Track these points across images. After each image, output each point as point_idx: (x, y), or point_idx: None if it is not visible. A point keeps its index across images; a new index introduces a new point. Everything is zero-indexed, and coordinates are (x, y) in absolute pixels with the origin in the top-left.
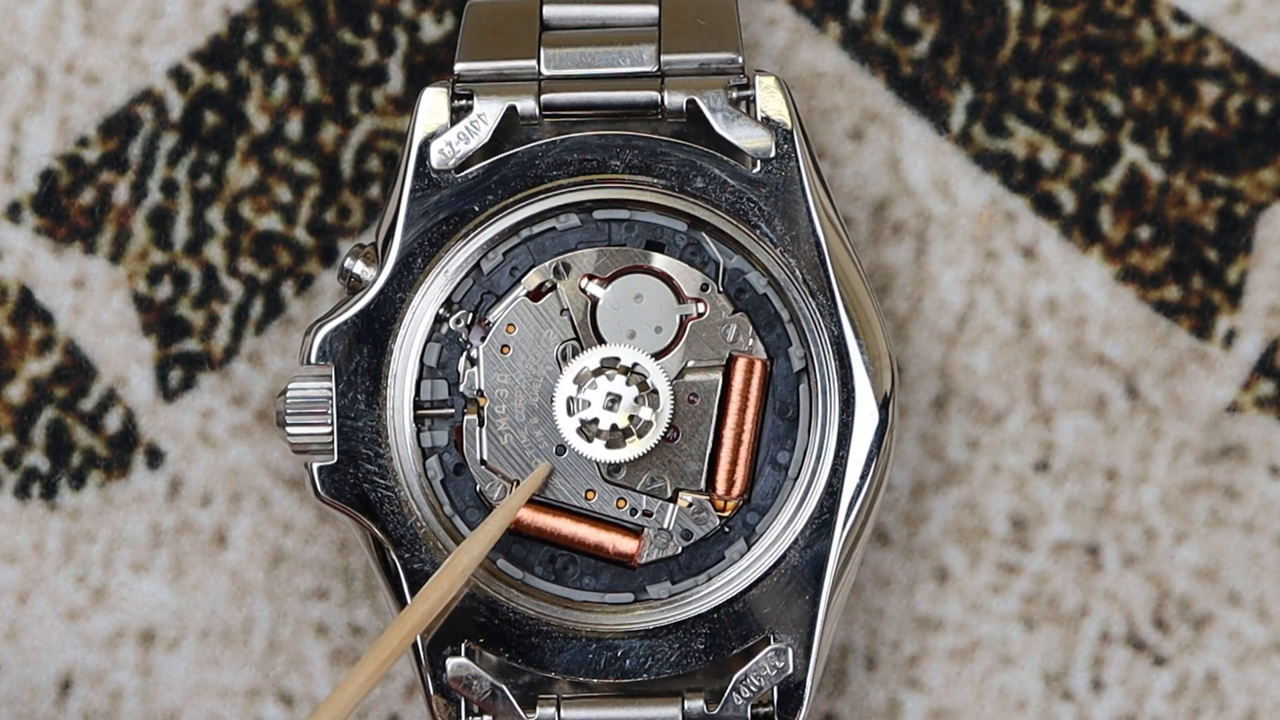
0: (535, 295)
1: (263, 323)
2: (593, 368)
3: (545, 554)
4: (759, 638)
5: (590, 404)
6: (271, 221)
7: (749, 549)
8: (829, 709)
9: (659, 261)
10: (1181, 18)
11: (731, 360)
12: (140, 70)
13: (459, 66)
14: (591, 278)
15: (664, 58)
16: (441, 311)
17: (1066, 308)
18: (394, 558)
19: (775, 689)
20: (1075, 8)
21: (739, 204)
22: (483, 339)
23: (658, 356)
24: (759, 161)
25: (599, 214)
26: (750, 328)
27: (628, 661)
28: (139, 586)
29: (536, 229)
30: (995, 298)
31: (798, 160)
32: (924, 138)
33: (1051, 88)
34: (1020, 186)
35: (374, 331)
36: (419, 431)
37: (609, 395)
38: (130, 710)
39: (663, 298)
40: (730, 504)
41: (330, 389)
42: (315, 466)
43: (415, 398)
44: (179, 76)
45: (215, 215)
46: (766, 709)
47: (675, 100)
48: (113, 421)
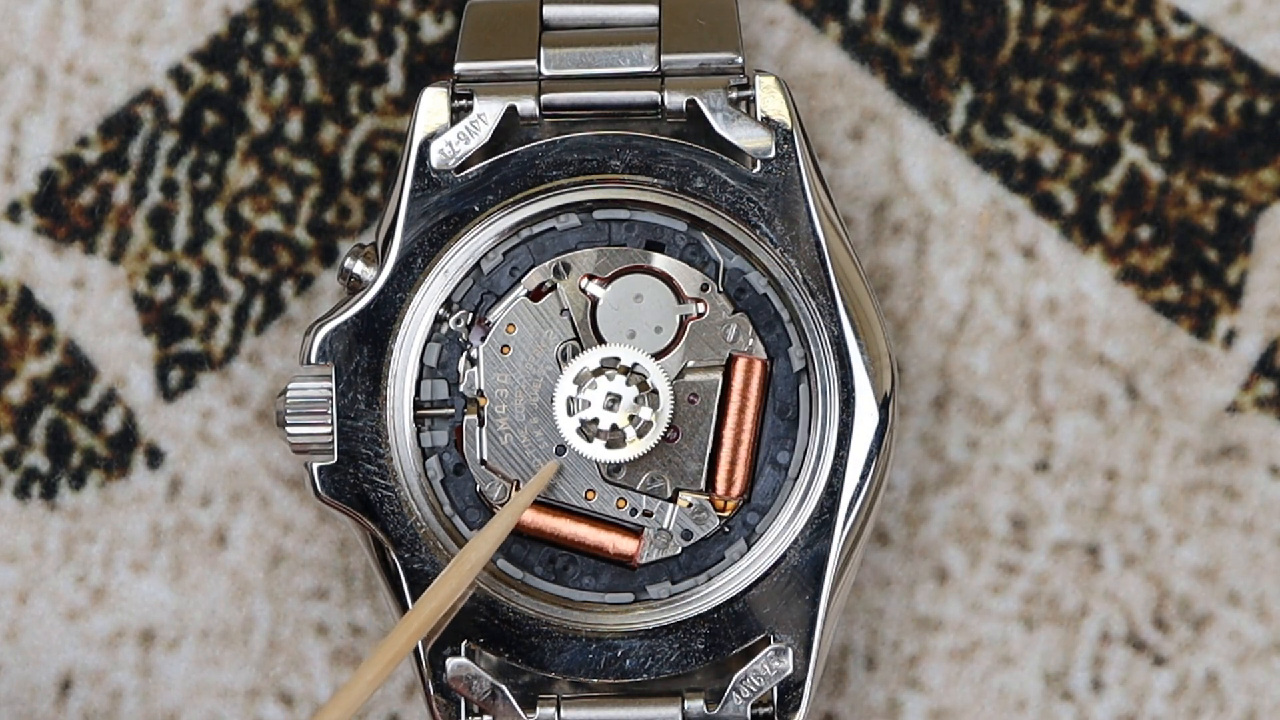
0: (535, 295)
1: (263, 323)
2: (593, 368)
3: (545, 554)
4: (759, 638)
5: (590, 404)
6: (271, 221)
7: (749, 549)
8: (829, 709)
9: (659, 261)
10: (1181, 18)
11: (731, 360)
12: (140, 70)
13: (459, 66)
14: (591, 278)
15: (664, 58)
16: (441, 311)
17: (1066, 308)
18: (394, 558)
19: (775, 689)
20: (1075, 8)
21: (739, 204)
22: (483, 339)
23: (658, 356)
24: (759, 161)
25: (599, 214)
26: (750, 328)
27: (628, 661)
28: (139, 586)
29: (536, 229)
30: (995, 298)
31: (798, 160)
32: (924, 138)
33: (1051, 88)
34: (1020, 186)
35: (374, 331)
36: (419, 431)
37: (609, 395)
38: (130, 710)
39: (663, 298)
40: (730, 504)
41: (330, 389)
42: (315, 466)
43: (415, 398)
44: (179, 76)
45: (215, 215)
46: (766, 709)
47: (675, 100)
48: (113, 421)
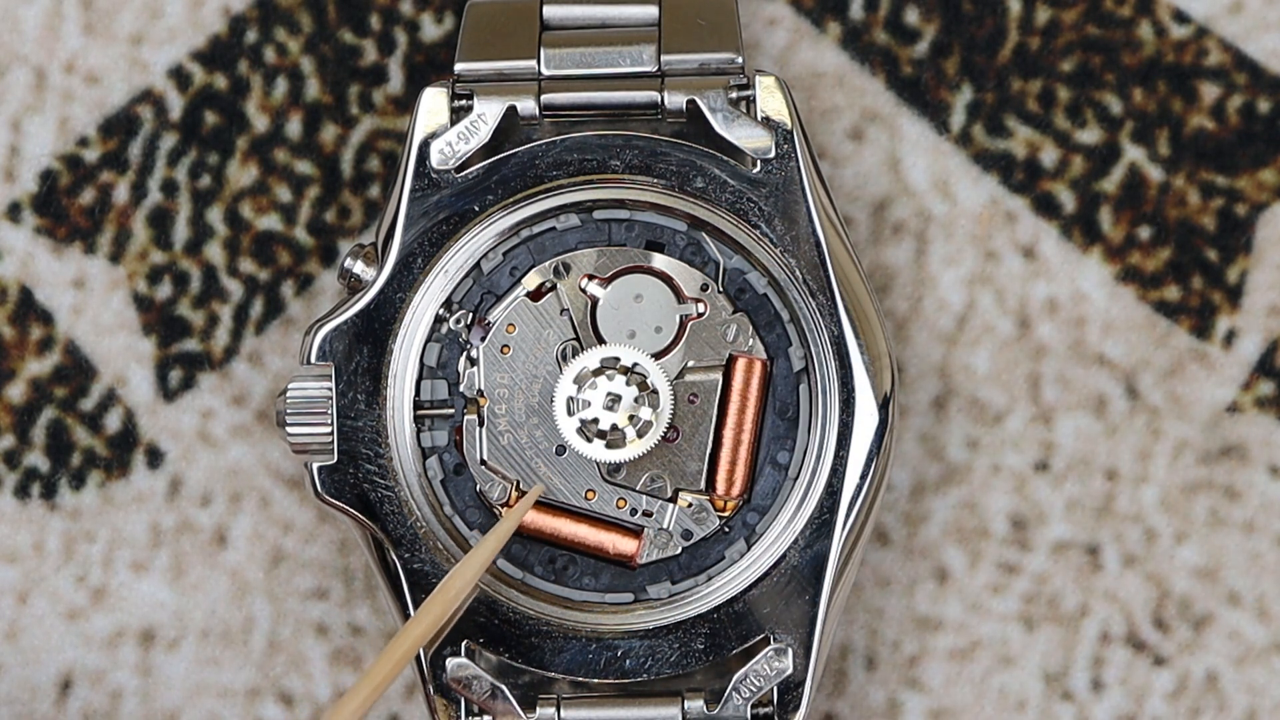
0: (535, 295)
1: (263, 323)
2: (593, 368)
3: (545, 554)
4: (759, 638)
5: (590, 404)
6: (271, 221)
7: (749, 549)
8: (829, 709)
9: (659, 261)
10: (1181, 18)
11: (731, 360)
12: (140, 70)
13: (459, 66)
14: (591, 278)
15: (664, 58)
16: (441, 311)
17: (1066, 308)
18: (394, 558)
19: (775, 689)
20: (1075, 8)
21: (739, 204)
22: (483, 339)
23: (658, 356)
24: (759, 161)
25: (599, 214)
26: (750, 328)
27: (628, 661)
28: (139, 586)
29: (536, 229)
30: (995, 298)
31: (798, 160)
32: (924, 138)
33: (1051, 88)
34: (1020, 186)
35: (374, 331)
36: (419, 431)
37: (609, 395)
38: (130, 710)
39: (663, 298)
40: (730, 504)
41: (330, 389)
42: (315, 466)
43: (415, 398)
44: (179, 76)
45: (215, 215)
46: (766, 709)
47: (675, 100)
48: (113, 421)
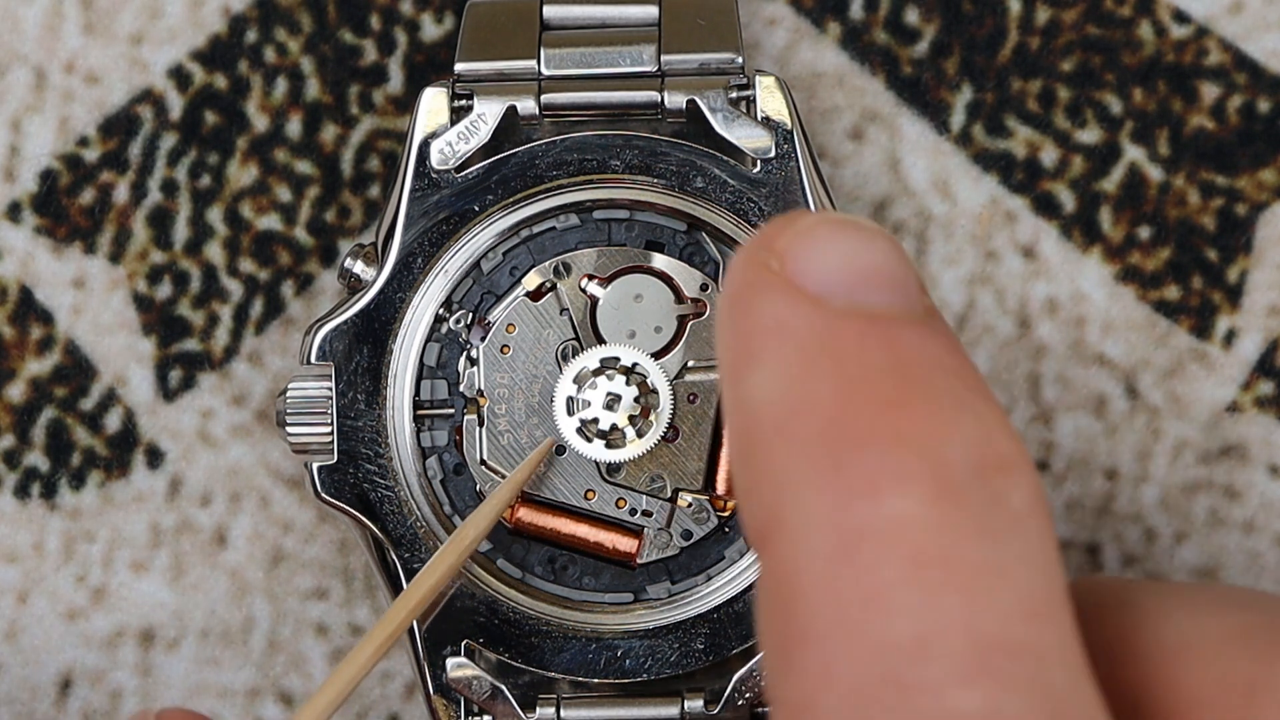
0: (535, 295)
1: (263, 323)
2: (592, 368)
3: (545, 554)
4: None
5: (590, 404)
6: (271, 221)
7: (749, 549)
8: None
9: (659, 261)
10: (1181, 18)
11: None
12: (140, 70)
13: (459, 66)
14: (591, 278)
15: (664, 58)
16: (441, 311)
17: (1066, 308)
18: (394, 558)
19: None
20: (1075, 8)
21: (739, 204)
22: (483, 339)
23: (658, 356)
24: (759, 161)
25: (599, 214)
26: None
27: (628, 661)
28: (139, 586)
29: (536, 229)
30: (995, 298)
31: (798, 160)
32: (924, 138)
33: (1051, 88)
34: (1020, 186)
35: (374, 331)
36: (419, 431)
37: (609, 395)
38: (130, 710)
39: (663, 298)
40: (730, 504)
41: (330, 389)
42: (315, 466)
43: (415, 398)
44: (179, 76)
45: (215, 215)
46: (767, 709)
47: (675, 100)
48: (113, 421)
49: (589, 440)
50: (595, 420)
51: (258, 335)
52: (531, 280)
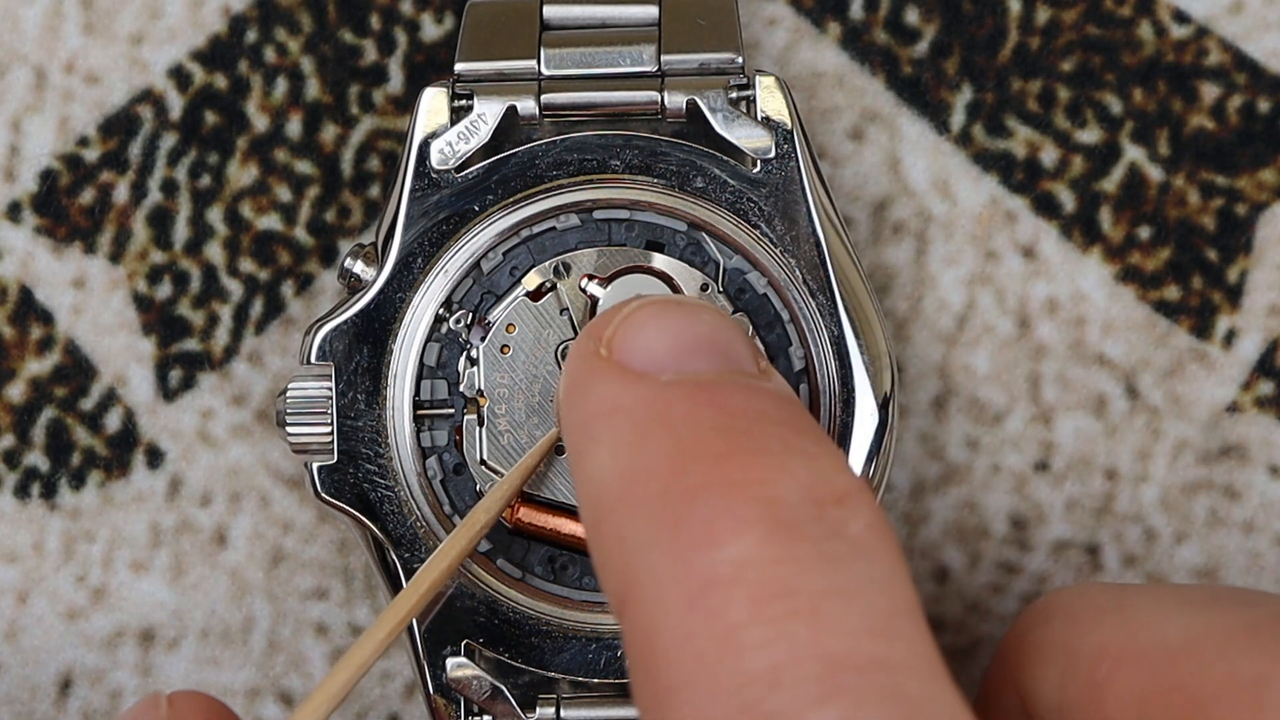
0: (535, 295)
1: (263, 323)
2: None
3: (545, 554)
4: None
5: None
6: (271, 221)
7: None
8: None
9: (659, 261)
10: (1181, 18)
11: None
12: (140, 70)
13: (459, 66)
14: (591, 278)
15: (664, 58)
16: (441, 311)
17: (1066, 308)
18: (394, 558)
19: None
20: (1075, 8)
21: (739, 204)
22: (483, 339)
23: None
24: (759, 161)
25: (599, 214)
26: (750, 328)
27: (628, 661)
28: (139, 586)
29: (536, 229)
30: (995, 298)
31: (798, 160)
32: (924, 138)
33: (1051, 88)
34: (1020, 186)
35: (374, 331)
36: (419, 431)
37: None
38: None
39: None
40: None
41: (330, 389)
42: (315, 466)
43: (415, 398)
44: (179, 76)
45: (215, 215)
46: None
47: (675, 100)
48: (113, 421)
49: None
50: None
51: (258, 335)
52: (531, 280)
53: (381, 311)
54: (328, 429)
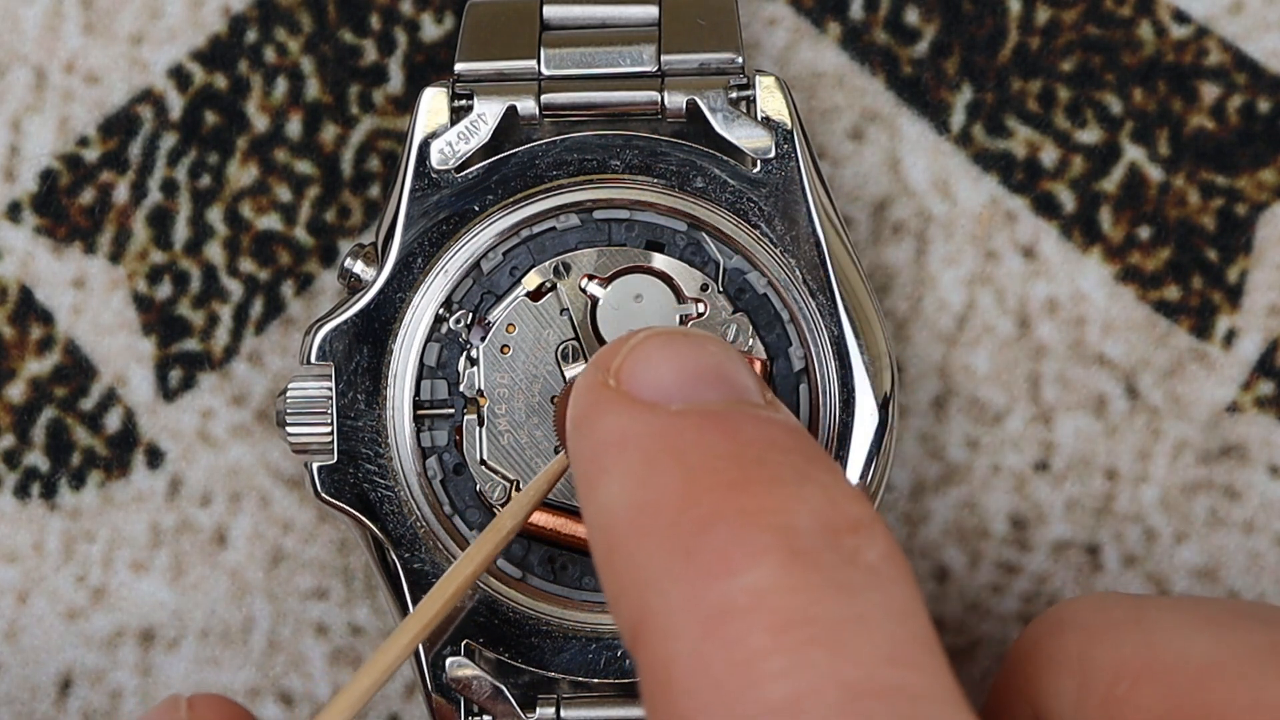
0: (535, 295)
1: (263, 323)
2: None
3: (545, 554)
4: None
5: None
6: (271, 221)
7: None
8: None
9: (659, 261)
10: (1181, 18)
11: None
12: (140, 70)
13: (459, 66)
14: (591, 278)
15: (664, 58)
16: (441, 311)
17: (1066, 308)
18: (394, 558)
19: None
20: (1075, 8)
21: (739, 204)
22: (483, 339)
23: None
24: (759, 161)
25: (599, 214)
26: (750, 328)
27: (627, 661)
28: (139, 586)
29: (536, 229)
30: (995, 298)
31: (798, 160)
32: (924, 138)
33: (1051, 88)
34: (1020, 186)
35: (374, 331)
36: (419, 431)
37: None
38: (130, 710)
39: (663, 298)
40: None
41: (330, 389)
42: (315, 466)
43: (415, 398)
44: (179, 76)
45: (215, 215)
46: None
47: (675, 100)
48: (113, 421)
49: None
50: None
51: (258, 335)
52: (531, 280)
53: (381, 311)
54: (328, 429)
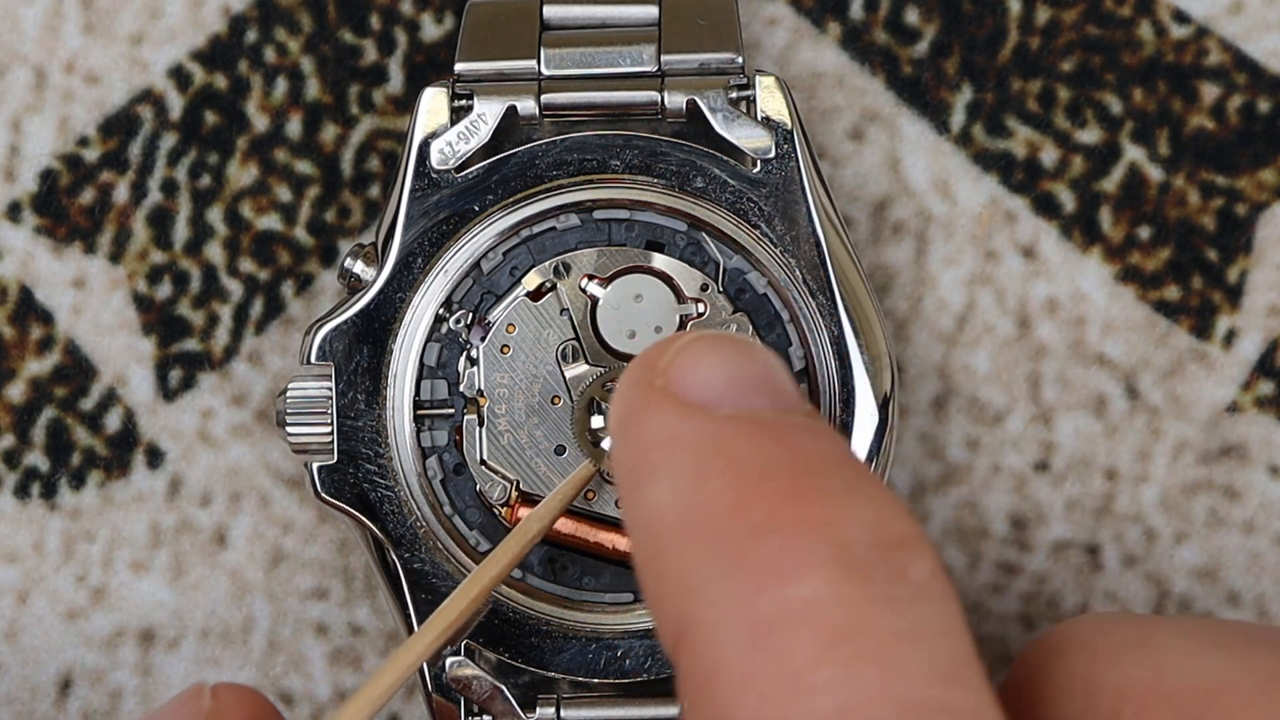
0: (535, 295)
1: (263, 323)
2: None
3: (545, 554)
4: None
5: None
6: (271, 221)
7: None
8: None
9: (659, 261)
10: (1181, 18)
11: None
12: (140, 70)
13: (459, 66)
14: (591, 278)
15: (664, 58)
16: (441, 311)
17: (1066, 308)
18: (394, 557)
19: None
20: (1075, 8)
21: (739, 204)
22: (483, 339)
23: None
24: (759, 161)
25: (599, 214)
26: (750, 328)
27: (627, 661)
28: (139, 586)
29: (536, 229)
30: (995, 298)
31: (798, 160)
32: (924, 138)
33: (1051, 88)
34: (1020, 186)
35: (374, 331)
36: (419, 431)
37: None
38: (130, 710)
39: (663, 298)
40: None
41: (330, 389)
42: (315, 466)
43: (415, 398)
44: (179, 76)
45: (215, 215)
46: None
47: (675, 100)
48: (113, 421)
49: (596, 445)
50: (602, 428)
51: (258, 335)
52: (531, 280)
53: (381, 311)
54: (328, 429)
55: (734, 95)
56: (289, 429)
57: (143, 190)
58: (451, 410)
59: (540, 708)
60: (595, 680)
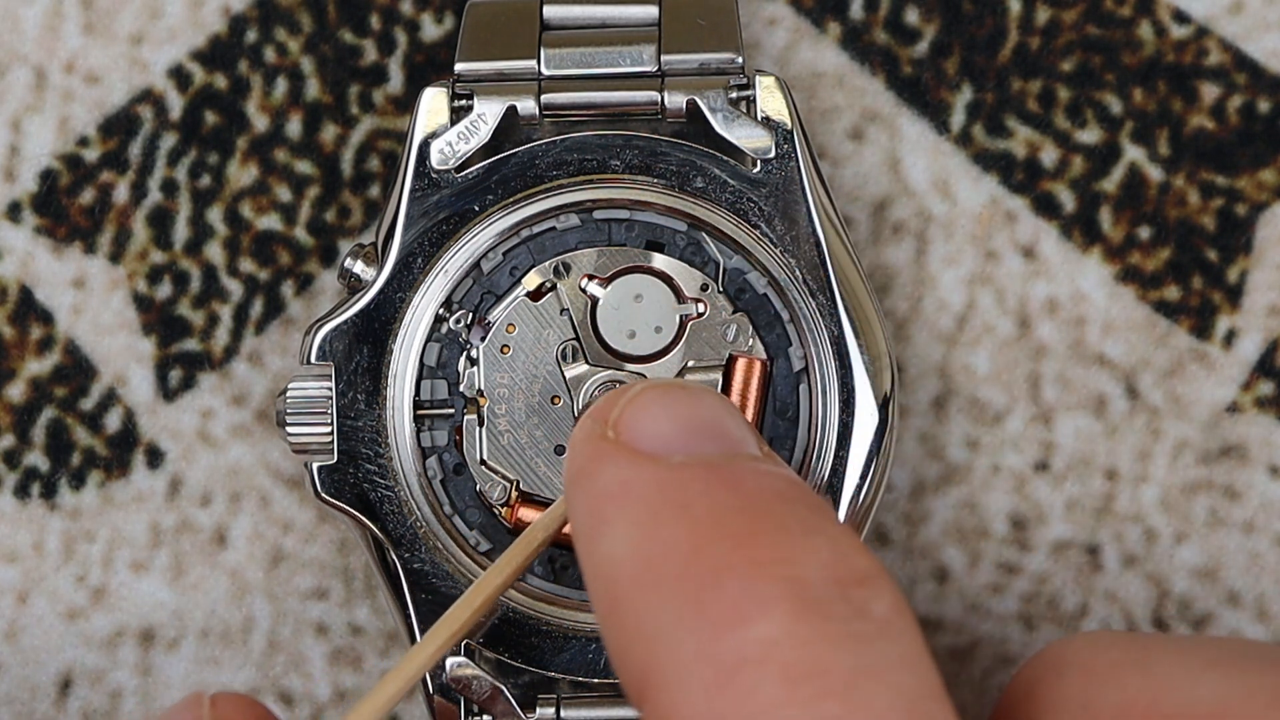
0: (535, 295)
1: (263, 323)
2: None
3: (545, 554)
4: None
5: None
6: (271, 221)
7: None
8: None
9: (659, 261)
10: (1181, 18)
11: (731, 360)
12: (140, 70)
13: (459, 66)
14: (591, 278)
15: (664, 58)
16: (441, 311)
17: (1066, 308)
18: (394, 557)
19: None
20: (1075, 8)
21: (739, 204)
22: (483, 339)
23: (658, 356)
24: (759, 161)
25: (599, 214)
26: (750, 328)
27: None
28: (139, 586)
29: (536, 229)
30: (995, 298)
31: (798, 160)
32: (924, 138)
33: (1051, 88)
34: (1020, 186)
35: (374, 331)
36: (419, 431)
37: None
38: (130, 710)
39: (663, 298)
40: None
41: (330, 389)
42: (315, 466)
43: (415, 397)
44: (179, 76)
45: (215, 215)
46: None
47: (675, 100)
48: (113, 421)
49: None
50: None
51: (258, 335)
52: (531, 280)
53: (381, 311)
54: (328, 429)
55: (734, 95)
56: (289, 429)
57: (143, 190)
58: (451, 410)
59: (540, 708)
60: (595, 680)
